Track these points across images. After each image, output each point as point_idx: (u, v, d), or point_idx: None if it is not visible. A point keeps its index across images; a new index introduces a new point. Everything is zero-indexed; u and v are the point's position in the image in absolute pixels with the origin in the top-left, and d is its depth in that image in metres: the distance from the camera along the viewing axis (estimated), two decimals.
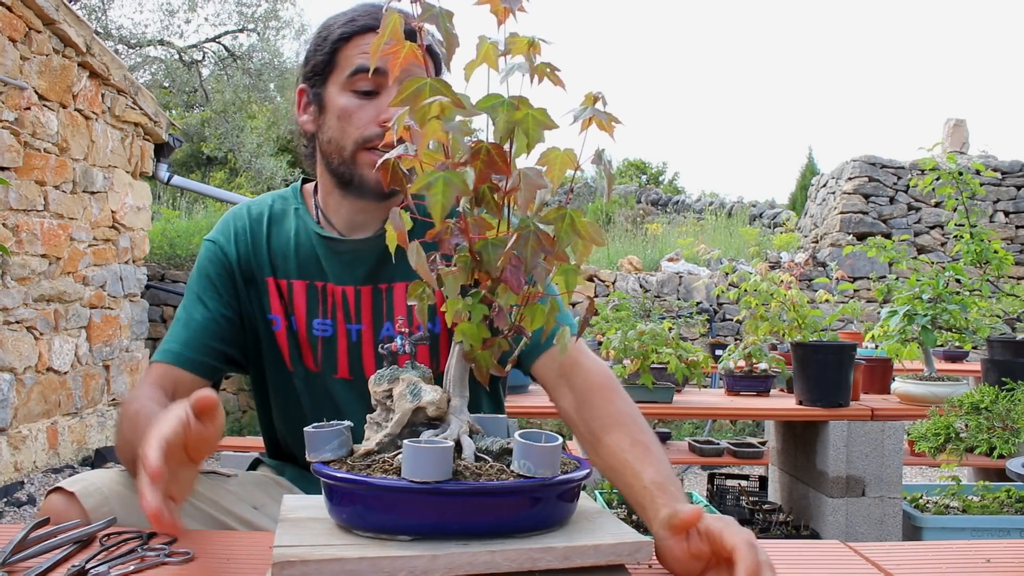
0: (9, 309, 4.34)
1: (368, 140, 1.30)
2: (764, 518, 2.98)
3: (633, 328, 2.78)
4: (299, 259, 1.39)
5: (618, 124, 0.84)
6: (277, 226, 1.42)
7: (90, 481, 1.16)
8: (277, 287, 1.39)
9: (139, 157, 5.82)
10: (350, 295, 1.37)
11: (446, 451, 0.81)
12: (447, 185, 0.81)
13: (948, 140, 8.81)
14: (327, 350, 1.38)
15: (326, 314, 1.38)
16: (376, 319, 1.37)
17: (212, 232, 1.45)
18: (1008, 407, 1.14)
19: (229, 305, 1.39)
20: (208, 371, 1.36)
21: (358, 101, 1.30)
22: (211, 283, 1.39)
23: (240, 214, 1.45)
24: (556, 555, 0.81)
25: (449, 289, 0.87)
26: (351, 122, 1.31)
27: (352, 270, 1.37)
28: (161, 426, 0.92)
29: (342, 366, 1.38)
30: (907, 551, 1.06)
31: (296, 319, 1.38)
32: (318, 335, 1.38)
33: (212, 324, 1.36)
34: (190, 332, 1.35)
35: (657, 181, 17.02)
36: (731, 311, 7.19)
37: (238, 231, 1.42)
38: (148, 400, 1.22)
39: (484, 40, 0.84)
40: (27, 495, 4.32)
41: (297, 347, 1.39)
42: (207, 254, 1.42)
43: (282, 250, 1.40)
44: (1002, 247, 2.95)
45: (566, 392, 1.26)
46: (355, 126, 1.30)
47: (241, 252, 1.40)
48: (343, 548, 0.80)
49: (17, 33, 4.31)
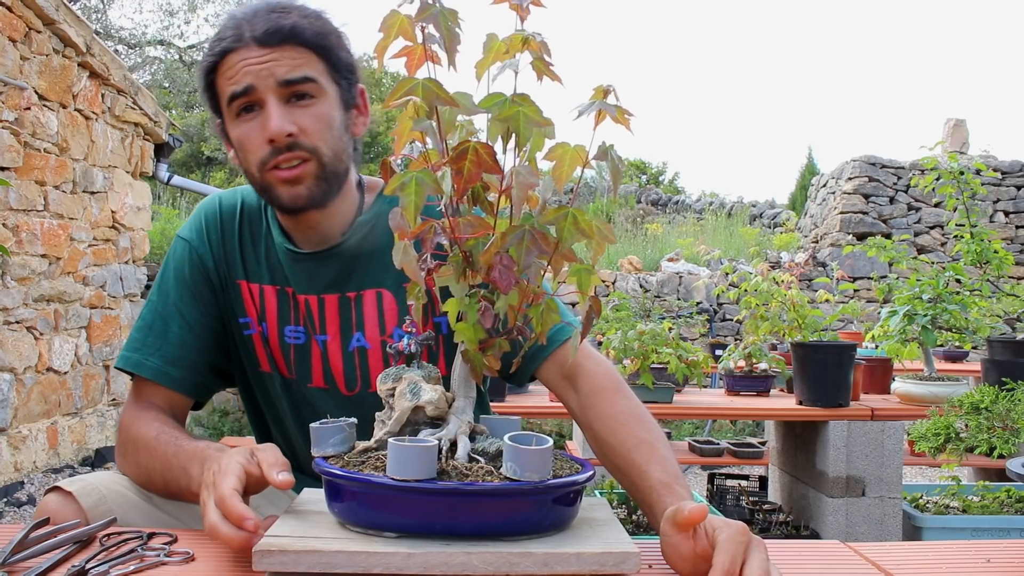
0: (9, 309, 4.33)
1: (265, 162, 1.24)
2: (764, 518, 2.98)
3: (633, 328, 2.78)
4: (269, 264, 1.35)
5: (631, 116, 0.84)
6: (248, 226, 1.37)
7: (88, 481, 1.16)
8: (249, 291, 1.35)
9: (139, 157, 5.82)
10: (313, 304, 1.33)
11: (429, 450, 0.81)
12: (419, 185, 0.81)
13: (948, 140, 8.81)
14: (300, 358, 1.35)
15: (298, 321, 1.34)
16: (345, 328, 1.33)
17: (184, 228, 1.40)
18: (1008, 407, 1.14)
19: (208, 312, 1.34)
20: (198, 390, 1.33)
21: (245, 126, 1.24)
22: (186, 286, 1.34)
23: (212, 209, 1.40)
24: (535, 560, 0.79)
25: (454, 290, 0.87)
26: (249, 149, 1.25)
27: (314, 280, 1.33)
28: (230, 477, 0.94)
29: (316, 374, 1.35)
30: (907, 551, 1.06)
31: (268, 325, 1.35)
32: (290, 342, 1.35)
33: (190, 336, 1.32)
34: (168, 345, 1.31)
35: (657, 181, 17.02)
36: (731, 311, 7.18)
37: (210, 230, 1.37)
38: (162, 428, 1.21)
39: (493, 38, 0.83)
40: (27, 495, 4.32)
41: (270, 353, 1.36)
42: (180, 253, 1.37)
43: (253, 253, 1.36)
44: (1002, 247, 2.95)
45: (572, 396, 1.26)
46: (252, 152, 1.25)
47: (215, 253, 1.36)
48: (326, 541, 0.81)
49: (17, 33, 4.31)
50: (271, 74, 1.21)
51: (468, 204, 0.89)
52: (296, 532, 0.84)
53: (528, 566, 0.79)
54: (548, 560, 0.80)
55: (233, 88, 1.22)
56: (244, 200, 1.40)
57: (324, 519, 0.89)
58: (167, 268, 1.37)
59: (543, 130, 0.84)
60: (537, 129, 0.83)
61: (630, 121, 0.84)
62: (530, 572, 0.79)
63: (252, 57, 1.21)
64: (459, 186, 0.82)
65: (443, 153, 0.84)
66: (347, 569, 0.79)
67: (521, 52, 0.83)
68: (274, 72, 1.21)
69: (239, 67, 1.21)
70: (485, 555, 0.79)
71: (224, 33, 1.25)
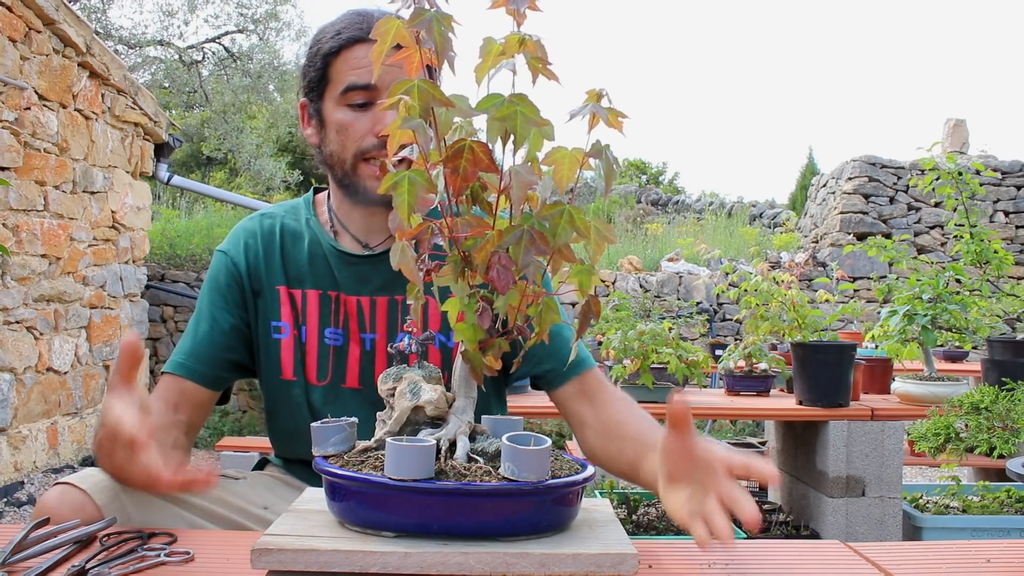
0: (9, 309, 4.34)
1: (366, 151, 1.33)
2: (764, 518, 2.98)
3: (633, 328, 2.78)
4: (313, 271, 1.41)
5: (624, 119, 0.84)
6: (291, 239, 1.44)
7: (99, 478, 1.16)
8: (290, 296, 1.41)
9: (139, 157, 5.82)
10: (365, 305, 1.40)
11: (426, 450, 0.81)
12: (412, 185, 0.81)
13: (948, 140, 8.81)
14: (337, 359, 1.40)
15: (338, 324, 1.40)
16: (391, 329, 1.40)
17: (223, 243, 1.48)
18: (1008, 407, 1.14)
19: (237, 314, 1.41)
20: (213, 381, 1.38)
21: (353, 115, 1.33)
22: (220, 293, 1.42)
23: (251, 225, 1.47)
24: (531, 561, 0.79)
25: (454, 290, 0.87)
26: (348, 135, 1.34)
27: (367, 282, 1.40)
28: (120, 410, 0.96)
29: (351, 375, 1.40)
30: (907, 551, 1.06)
31: (307, 328, 1.40)
32: (329, 344, 1.40)
33: (219, 335, 1.39)
34: (196, 343, 1.38)
35: (657, 181, 17.02)
36: (731, 311, 7.18)
37: (248, 242, 1.44)
38: None
39: (490, 42, 0.84)
40: (27, 495, 4.32)
41: (302, 357, 1.41)
42: (218, 264, 1.45)
43: (296, 263, 1.42)
44: (1002, 247, 2.95)
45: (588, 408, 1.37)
46: (352, 139, 1.34)
47: (251, 262, 1.42)
48: (324, 540, 0.82)
49: (17, 33, 4.31)
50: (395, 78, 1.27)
51: (467, 204, 0.89)
52: (295, 531, 0.85)
53: (525, 566, 0.79)
54: (545, 561, 0.80)
55: (358, 79, 1.31)
56: (284, 218, 1.47)
57: (324, 518, 0.89)
58: (206, 281, 1.46)
59: (541, 130, 0.84)
60: (535, 129, 0.83)
61: (623, 124, 0.84)
62: (527, 572, 0.79)
63: None
64: (455, 185, 0.82)
65: (441, 154, 0.84)
66: (344, 568, 0.79)
67: (518, 53, 0.83)
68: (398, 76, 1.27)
69: (366, 60, 1.30)
70: (482, 555, 0.79)
71: (350, 23, 1.34)
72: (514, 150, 0.83)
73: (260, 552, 0.79)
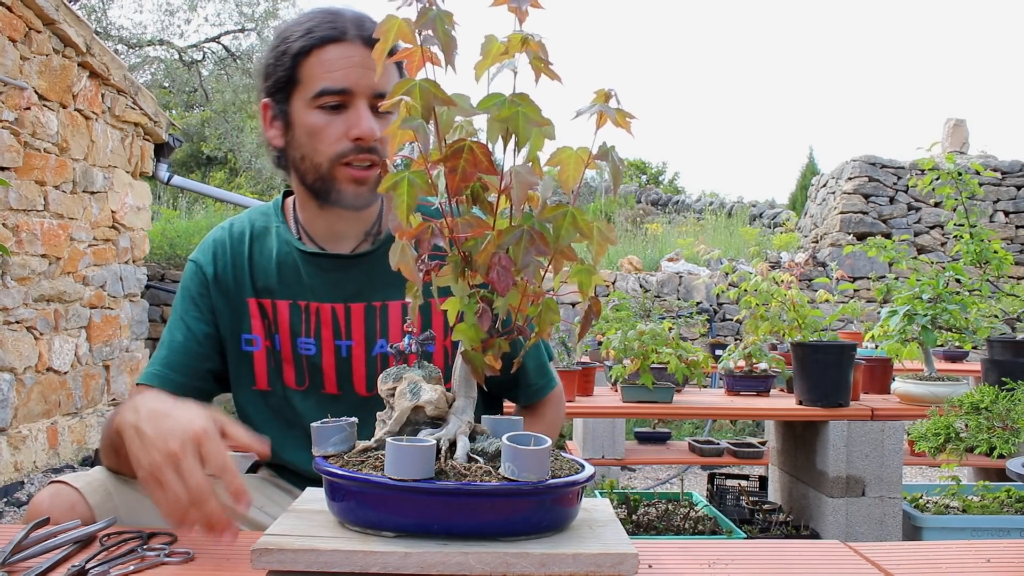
0: (9, 309, 4.33)
1: (343, 155, 1.28)
2: (764, 518, 2.98)
3: (633, 328, 2.78)
4: (282, 278, 1.39)
5: (632, 119, 0.84)
6: (259, 244, 1.41)
7: (94, 477, 1.17)
8: (260, 307, 1.39)
9: (139, 157, 5.82)
10: (339, 312, 1.37)
11: (426, 450, 0.81)
12: (411, 186, 0.81)
13: (948, 140, 8.81)
14: (312, 367, 1.39)
15: (309, 333, 1.38)
16: (369, 336, 1.37)
17: (195, 252, 1.46)
18: (1008, 407, 1.14)
19: (209, 322, 1.39)
20: (190, 392, 1.34)
21: (326, 117, 1.28)
22: (193, 301, 1.40)
23: (220, 234, 1.45)
24: (531, 561, 0.79)
25: (454, 290, 0.87)
26: (322, 139, 1.28)
27: (340, 288, 1.37)
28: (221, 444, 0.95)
29: (329, 382, 1.39)
30: (907, 551, 1.06)
31: (281, 338, 1.38)
32: (303, 353, 1.39)
33: (194, 344, 1.37)
34: (171, 353, 1.37)
35: (657, 181, 17.02)
36: (731, 311, 7.18)
37: (217, 250, 1.42)
38: None
39: (492, 40, 0.83)
40: (27, 495, 4.32)
41: (278, 366, 1.39)
42: (188, 274, 1.43)
43: (264, 269, 1.40)
44: (1002, 247, 2.94)
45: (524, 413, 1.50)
46: (327, 143, 1.28)
47: (219, 270, 1.40)
48: (324, 540, 0.82)
49: (17, 33, 4.31)
50: (369, 80, 1.26)
51: (467, 204, 0.89)
52: (295, 531, 0.85)
53: (525, 566, 0.79)
54: (545, 561, 0.80)
55: (330, 84, 1.27)
56: (253, 222, 1.44)
57: (324, 518, 0.89)
58: (179, 291, 1.44)
59: (543, 130, 0.83)
60: (536, 129, 0.83)
61: (631, 124, 0.84)
62: (527, 572, 0.79)
63: (355, 56, 1.26)
64: (454, 185, 0.82)
65: (441, 153, 0.84)
66: (344, 568, 0.79)
67: (520, 52, 0.83)
68: (371, 79, 1.26)
69: (340, 63, 1.26)
70: (482, 555, 0.79)
71: (320, 21, 1.29)
72: (516, 151, 0.83)
73: (260, 552, 0.79)
